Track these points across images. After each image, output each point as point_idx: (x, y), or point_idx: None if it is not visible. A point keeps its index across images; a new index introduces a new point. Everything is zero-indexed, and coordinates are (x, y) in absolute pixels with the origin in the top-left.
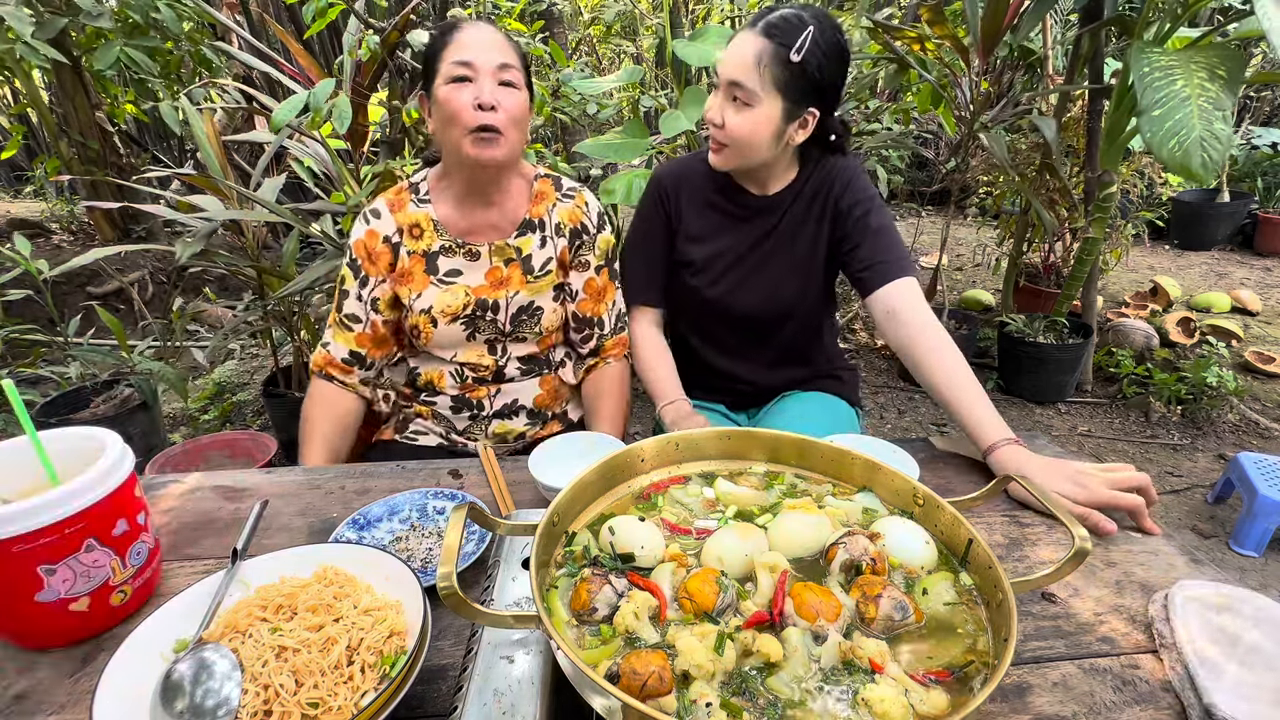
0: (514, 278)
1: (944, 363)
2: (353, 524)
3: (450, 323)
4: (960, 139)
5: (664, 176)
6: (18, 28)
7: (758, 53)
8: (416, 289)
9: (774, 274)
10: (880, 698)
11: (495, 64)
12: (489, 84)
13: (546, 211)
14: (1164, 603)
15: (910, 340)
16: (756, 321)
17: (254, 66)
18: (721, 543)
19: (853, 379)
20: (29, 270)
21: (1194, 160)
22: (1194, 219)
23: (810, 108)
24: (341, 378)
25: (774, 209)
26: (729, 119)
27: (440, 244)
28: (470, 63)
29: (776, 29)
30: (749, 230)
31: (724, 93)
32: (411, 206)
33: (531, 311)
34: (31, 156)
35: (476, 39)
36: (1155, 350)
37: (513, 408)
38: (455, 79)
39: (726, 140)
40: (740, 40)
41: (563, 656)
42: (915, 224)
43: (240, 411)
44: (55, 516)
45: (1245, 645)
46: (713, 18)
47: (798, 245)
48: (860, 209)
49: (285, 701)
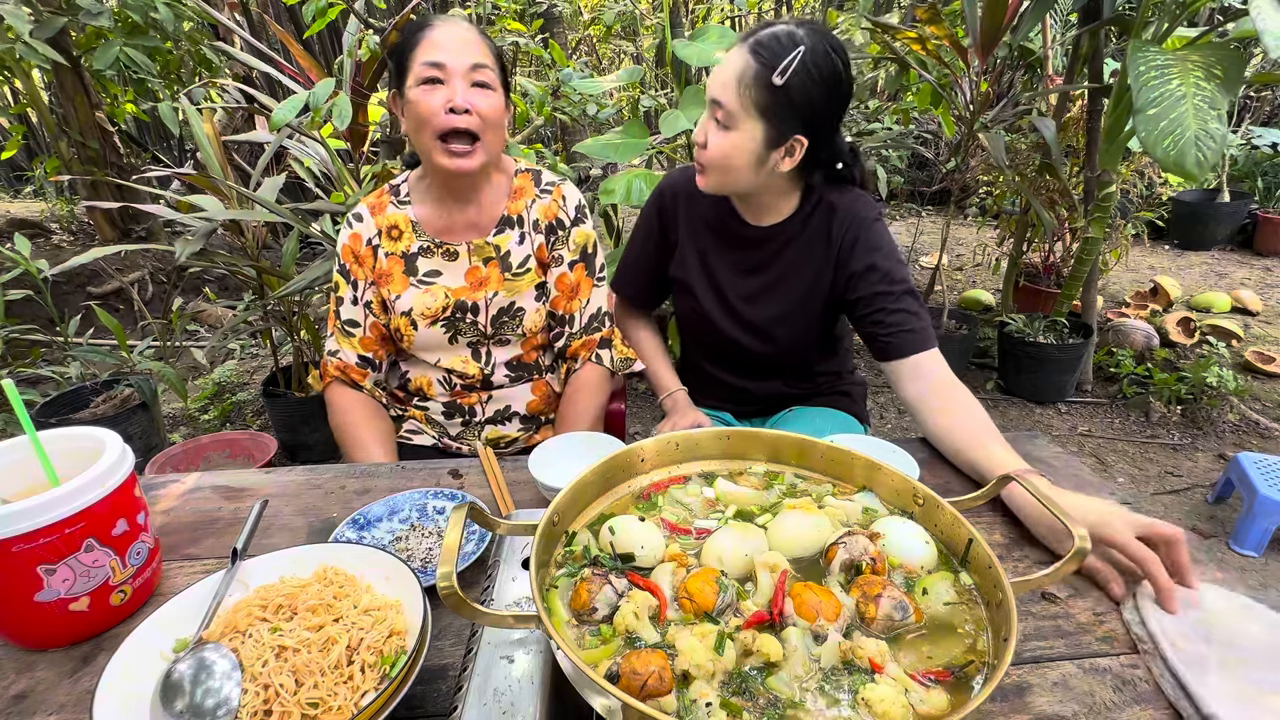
0: (493, 277)
1: (972, 416)
2: (353, 524)
3: (430, 325)
4: (960, 139)
5: (667, 189)
6: (17, 26)
7: (740, 72)
8: (396, 290)
9: (764, 312)
10: (880, 698)
11: (468, 64)
12: (461, 86)
13: (525, 208)
14: (1134, 605)
15: (936, 398)
16: (749, 349)
17: (254, 67)
18: (721, 543)
19: (861, 394)
20: (29, 270)
21: (1188, 159)
22: (1194, 219)
23: (796, 135)
24: (360, 382)
25: (765, 244)
26: (710, 139)
27: (419, 244)
28: (442, 64)
29: (764, 48)
30: (738, 260)
31: (708, 110)
32: (391, 208)
33: (513, 313)
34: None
35: (448, 38)
36: (1155, 350)
37: (505, 414)
38: (426, 80)
39: (705, 162)
40: (729, 56)
41: (563, 656)
42: (915, 224)
43: (240, 411)
44: (55, 516)
45: (1220, 642)
46: (713, 18)
47: (792, 291)
48: (878, 272)
49: (285, 701)
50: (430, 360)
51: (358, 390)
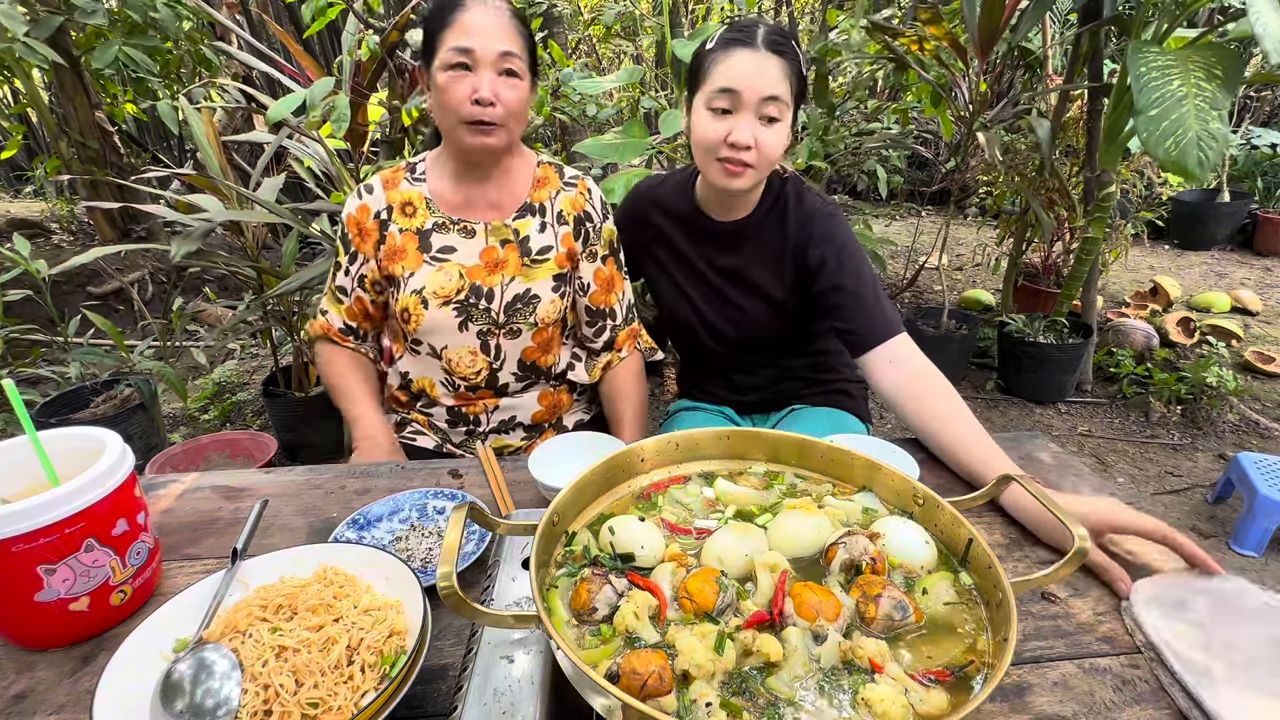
0: (511, 261)
1: (946, 404)
2: (353, 524)
3: (442, 306)
4: (960, 139)
5: (635, 200)
6: (11, 26)
7: (780, 67)
8: (410, 267)
9: (738, 306)
10: (880, 698)
11: (497, 51)
12: (489, 75)
13: (549, 197)
14: (1132, 614)
15: (909, 388)
16: (735, 344)
17: (254, 66)
18: (721, 542)
19: (862, 393)
20: (29, 270)
21: (1190, 160)
22: (1194, 219)
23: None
24: (341, 343)
25: (731, 237)
26: (763, 138)
27: (433, 221)
28: (471, 50)
29: (781, 42)
30: (708, 254)
31: (752, 111)
32: (405, 184)
33: (527, 300)
34: (31, 156)
35: (479, 24)
36: (1155, 350)
37: (510, 424)
38: (454, 66)
39: (756, 161)
40: (756, 60)
41: (563, 656)
42: (915, 224)
43: (240, 411)
44: (55, 516)
45: (1219, 639)
46: (712, 18)
47: (758, 285)
48: (831, 265)
49: (285, 701)
50: (437, 346)
51: (340, 348)
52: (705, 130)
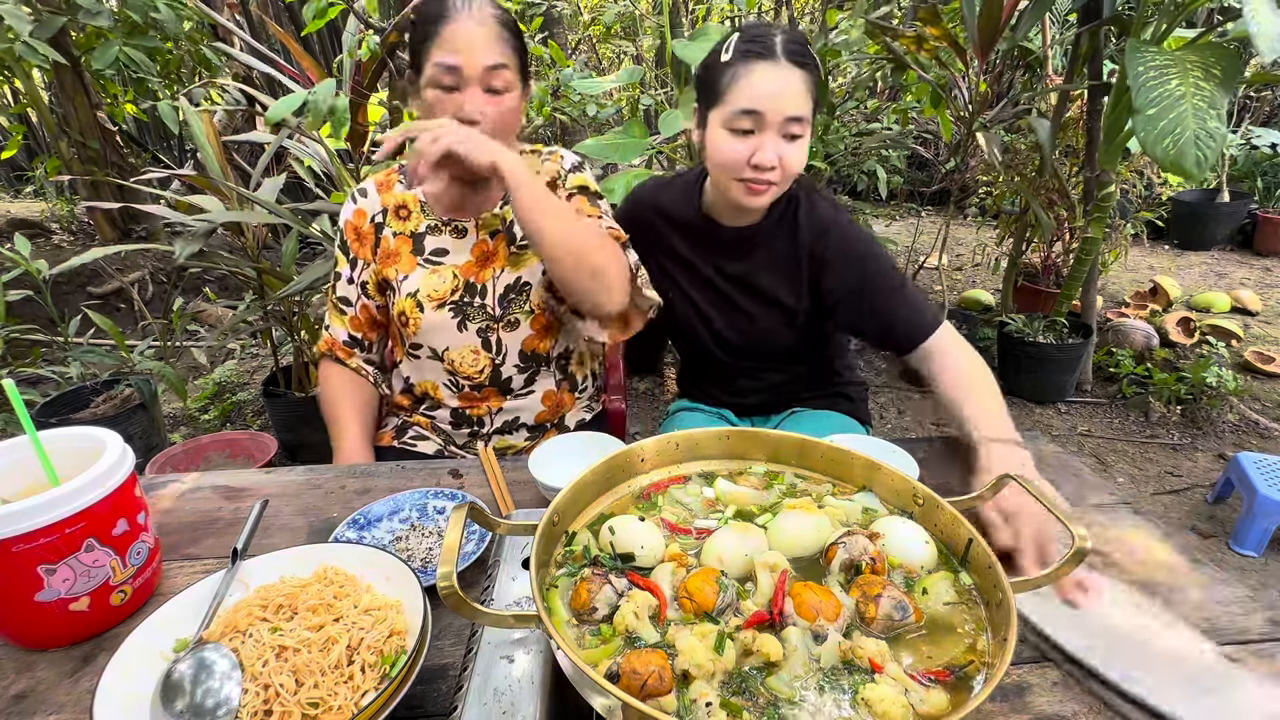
0: (500, 251)
1: (975, 373)
2: (353, 524)
3: (438, 308)
4: (959, 139)
5: (636, 203)
6: (16, 26)
7: (803, 81)
8: (404, 270)
9: (746, 312)
10: (880, 697)
11: (484, 66)
12: (475, 94)
13: None
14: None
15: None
16: (740, 350)
17: (254, 67)
18: (721, 542)
19: (861, 395)
20: (29, 270)
21: (1188, 159)
22: (1194, 219)
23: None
24: (345, 360)
25: (739, 244)
26: (786, 156)
27: (427, 224)
28: (456, 67)
29: (801, 52)
30: (715, 260)
31: (776, 131)
32: (399, 188)
33: (519, 288)
34: (31, 156)
35: (465, 38)
36: (1155, 350)
37: (514, 425)
38: (440, 85)
39: (780, 179)
40: (779, 76)
41: (563, 656)
42: (915, 224)
43: (240, 411)
44: (55, 516)
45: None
46: (713, 18)
47: (768, 291)
48: (870, 266)
49: (285, 701)
50: (438, 349)
51: (344, 368)
52: (726, 151)
